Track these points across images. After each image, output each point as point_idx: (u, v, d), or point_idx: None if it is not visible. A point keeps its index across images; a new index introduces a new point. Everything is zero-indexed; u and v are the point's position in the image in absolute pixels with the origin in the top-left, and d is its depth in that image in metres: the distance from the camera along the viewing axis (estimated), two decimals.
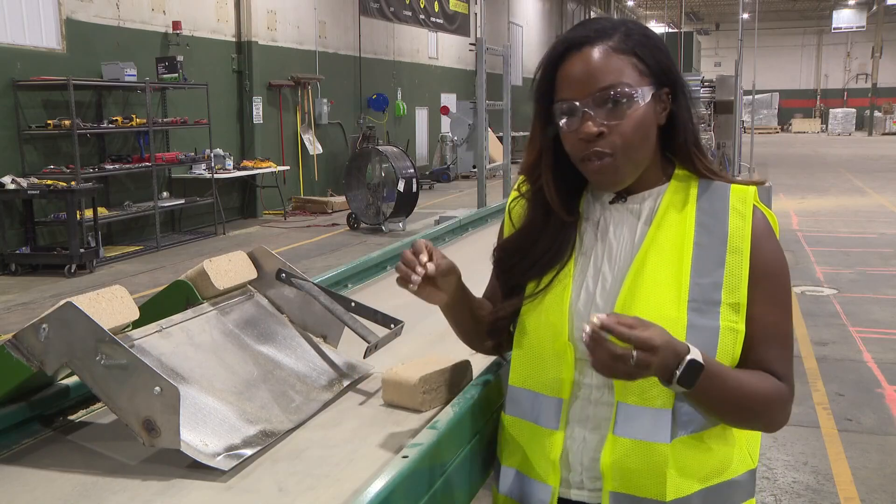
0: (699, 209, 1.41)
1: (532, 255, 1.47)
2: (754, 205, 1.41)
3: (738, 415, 1.37)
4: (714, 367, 1.30)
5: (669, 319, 1.33)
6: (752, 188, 1.43)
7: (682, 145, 1.43)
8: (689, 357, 1.25)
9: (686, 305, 1.35)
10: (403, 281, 1.44)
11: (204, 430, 1.40)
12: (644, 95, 1.35)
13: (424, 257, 1.42)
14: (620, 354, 1.19)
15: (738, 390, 1.34)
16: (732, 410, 1.36)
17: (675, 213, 1.41)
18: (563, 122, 1.37)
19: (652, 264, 1.38)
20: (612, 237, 1.44)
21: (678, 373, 1.24)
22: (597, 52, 1.35)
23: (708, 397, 1.31)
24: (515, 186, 1.57)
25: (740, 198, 1.41)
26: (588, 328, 1.19)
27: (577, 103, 1.35)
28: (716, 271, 1.37)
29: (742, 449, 1.45)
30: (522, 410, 1.47)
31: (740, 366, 1.38)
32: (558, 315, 1.42)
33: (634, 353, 1.19)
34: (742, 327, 1.37)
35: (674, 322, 1.33)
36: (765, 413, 1.39)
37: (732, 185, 1.43)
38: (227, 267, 1.79)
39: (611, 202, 1.46)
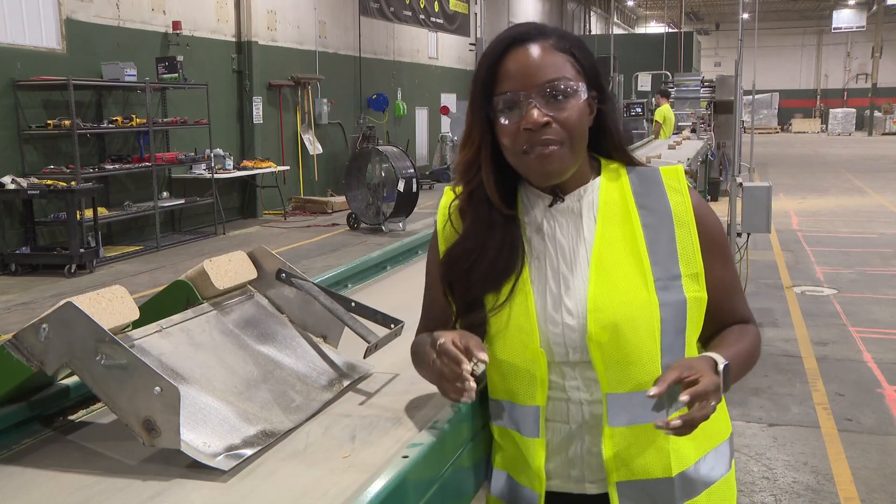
0: (636, 194, 1.46)
1: (484, 258, 1.45)
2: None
3: (748, 370, 1.51)
4: (731, 355, 1.39)
5: (642, 302, 1.39)
6: (680, 166, 1.53)
7: (616, 142, 1.49)
8: (721, 368, 1.34)
9: (653, 285, 1.39)
10: (457, 397, 1.33)
11: (204, 430, 1.40)
12: (583, 91, 1.40)
13: (468, 366, 1.31)
14: (707, 414, 1.28)
15: (745, 355, 1.47)
16: (746, 371, 1.49)
17: (616, 202, 1.46)
18: (503, 115, 1.39)
19: (610, 255, 1.42)
20: (560, 237, 1.45)
21: (721, 384, 1.34)
22: (540, 48, 1.40)
23: (736, 377, 1.42)
24: (449, 188, 1.55)
25: (672, 176, 1.49)
26: (677, 422, 1.26)
27: (522, 94, 1.37)
28: (669, 247, 1.43)
29: (725, 416, 1.53)
30: (504, 421, 1.49)
31: (715, 322, 1.49)
32: (526, 324, 1.42)
33: (712, 403, 1.28)
34: (704, 294, 1.44)
35: (646, 303, 1.38)
36: (757, 357, 1.53)
37: (661, 168, 1.51)
38: (228, 267, 1.79)
39: (550, 205, 1.47)
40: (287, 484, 1.31)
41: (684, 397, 1.26)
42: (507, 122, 1.39)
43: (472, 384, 1.32)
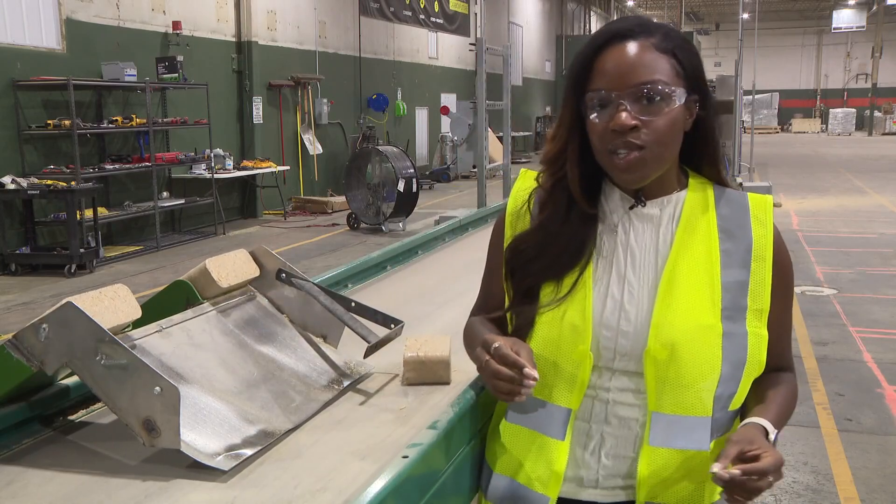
0: (720, 216, 1.42)
1: (551, 250, 1.43)
2: None
3: (786, 423, 1.48)
4: (776, 419, 1.38)
5: (706, 327, 1.35)
6: (770, 197, 1.46)
7: (711, 154, 1.45)
8: (773, 439, 1.34)
9: (720, 313, 1.36)
10: (508, 397, 1.34)
11: (204, 430, 1.40)
12: (680, 97, 1.35)
13: (531, 371, 1.30)
14: (764, 486, 1.25)
15: (785, 412, 1.44)
16: (784, 425, 1.46)
17: (698, 220, 1.41)
18: (594, 112, 1.35)
19: (684, 271, 1.38)
20: (633, 243, 1.42)
21: None
22: (639, 47, 1.35)
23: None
24: (534, 177, 1.52)
25: (760, 207, 1.44)
26: (719, 480, 1.23)
27: (614, 94, 1.33)
28: (741, 278, 1.38)
29: None
30: (527, 419, 1.44)
31: None
32: (581, 324, 1.38)
33: (770, 479, 1.25)
34: (765, 332, 1.39)
35: (709, 329, 1.35)
36: (794, 408, 1.51)
37: (750, 194, 1.46)
38: (230, 266, 1.79)
39: (630, 208, 1.43)
40: (282, 486, 1.31)
41: (736, 470, 1.23)
42: (597, 119, 1.35)
43: (532, 383, 1.30)
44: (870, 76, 46.10)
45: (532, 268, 1.44)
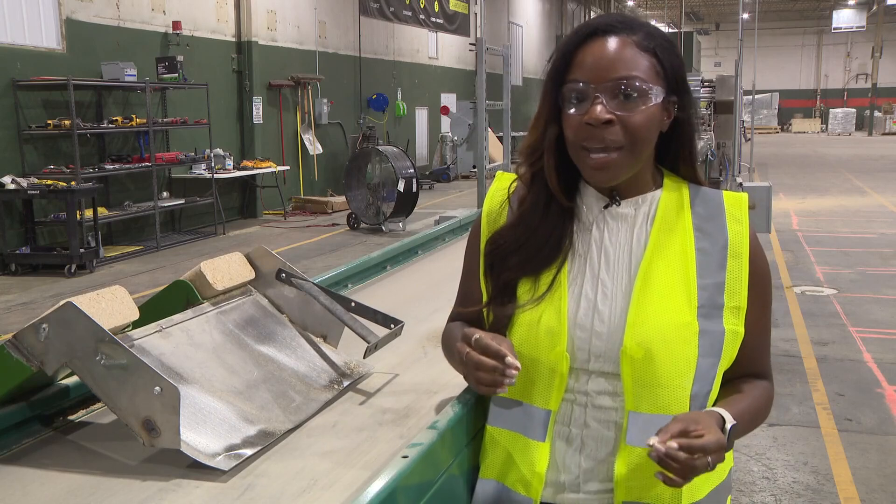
0: (695, 214, 1.42)
1: (531, 243, 1.43)
2: None
3: (754, 428, 1.46)
4: (738, 413, 1.36)
5: (683, 325, 1.34)
6: (745, 195, 1.46)
7: (688, 155, 1.44)
8: (728, 427, 1.31)
9: (696, 311, 1.35)
10: (490, 389, 1.33)
11: (204, 430, 1.40)
12: (657, 95, 1.35)
13: (513, 361, 1.30)
14: (700, 466, 1.23)
15: (754, 413, 1.42)
16: (751, 429, 1.45)
17: (672, 218, 1.41)
18: (571, 105, 1.35)
19: (659, 269, 1.37)
20: (607, 243, 1.41)
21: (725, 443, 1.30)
22: (620, 42, 1.34)
23: (739, 436, 1.38)
24: (510, 178, 1.51)
25: (735, 204, 1.44)
26: (654, 454, 1.21)
27: (591, 87, 1.33)
28: (718, 276, 1.38)
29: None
30: (508, 421, 1.44)
31: (733, 367, 1.43)
32: (557, 326, 1.38)
33: (710, 459, 1.23)
34: (741, 329, 1.39)
35: (686, 327, 1.34)
36: (765, 416, 1.49)
37: (725, 192, 1.46)
38: (225, 269, 1.79)
39: (605, 207, 1.42)
40: (282, 485, 1.31)
41: (673, 444, 1.21)
42: (573, 112, 1.35)
43: (514, 372, 1.30)
44: (870, 76, 46.11)
45: (511, 262, 1.44)
